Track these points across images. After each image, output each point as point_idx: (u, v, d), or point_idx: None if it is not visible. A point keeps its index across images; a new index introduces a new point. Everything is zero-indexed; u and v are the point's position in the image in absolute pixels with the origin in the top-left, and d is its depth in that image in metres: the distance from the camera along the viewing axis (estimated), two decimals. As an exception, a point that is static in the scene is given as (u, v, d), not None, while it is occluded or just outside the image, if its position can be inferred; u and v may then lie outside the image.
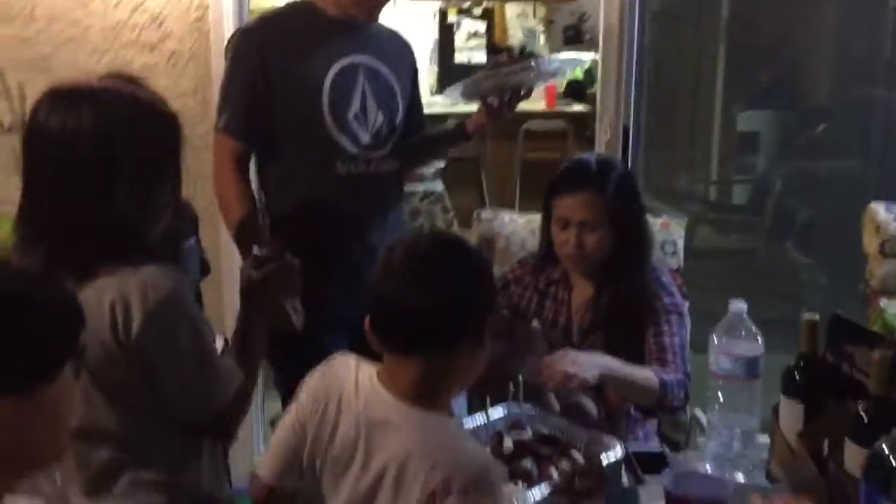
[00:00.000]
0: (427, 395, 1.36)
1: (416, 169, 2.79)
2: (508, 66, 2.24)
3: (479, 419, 1.79)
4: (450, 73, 7.42)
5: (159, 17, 2.79)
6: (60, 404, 1.04)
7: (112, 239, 1.42)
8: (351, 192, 2.20)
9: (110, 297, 1.39)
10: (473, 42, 7.50)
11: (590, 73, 8.23)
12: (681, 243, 2.48)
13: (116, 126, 1.42)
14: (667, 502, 1.48)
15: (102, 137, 1.40)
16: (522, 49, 7.11)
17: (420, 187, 4.07)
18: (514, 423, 1.82)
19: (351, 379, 1.42)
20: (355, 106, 2.20)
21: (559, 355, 1.82)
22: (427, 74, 7.41)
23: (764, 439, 1.75)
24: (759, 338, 1.69)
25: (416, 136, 2.41)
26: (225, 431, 1.56)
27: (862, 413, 1.45)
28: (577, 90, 6.90)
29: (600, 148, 3.00)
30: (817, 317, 1.64)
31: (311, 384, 1.46)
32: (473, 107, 2.33)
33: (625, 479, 1.74)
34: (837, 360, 1.66)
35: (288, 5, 2.31)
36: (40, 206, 1.44)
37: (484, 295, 1.40)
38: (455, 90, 2.30)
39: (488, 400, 1.79)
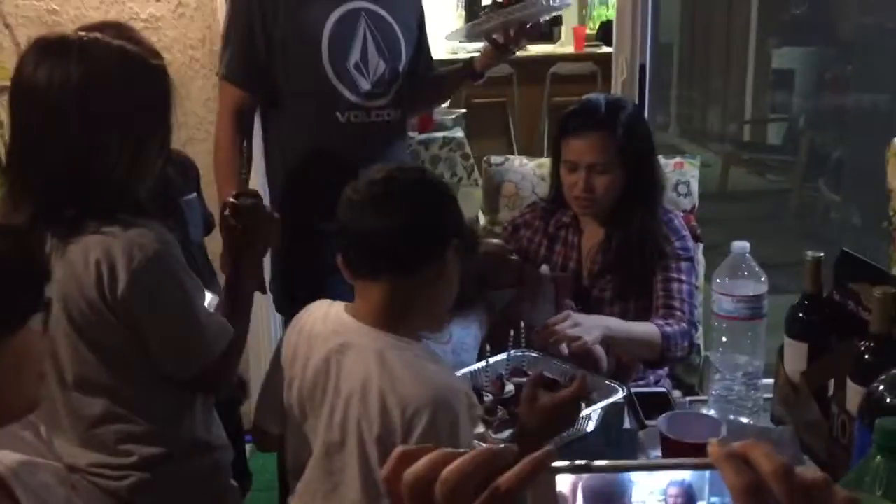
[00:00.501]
0: (391, 319, 1.39)
1: (423, 111, 2.76)
2: (510, 5, 2.19)
3: (479, 363, 1.79)
4: (478, 16, 7.33)
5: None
6: (25, 356, 1.04)
7: (99, 195, 1.40)
8: (351, 140, 2.17)
9: (96, 256, 1.38)
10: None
11: (622, 14, 8.12)
12: (695, 184, 2.42)
13: (104, 79, 1.40)
14: (661, 443, 1.47)
15: (90, 90, 1.38)
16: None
17: (439, 134, 4.02)
18: (515, 370, 1.82)
19: (321, 316, 1.46)
20: (356, 54, 2.16)
21: (560, 318, 1.78)
22: (455, 19, 7.32)
23: (769, 381, 1.72)
24: (762, 278, 1.65)
25: (424, 78, 2.37)
26: (214, 386, 1.56)
27: (863, 352, 1.41)
28: (608, 32, 6.76)
29: (616, 88, 2.93)
30: (822, 255, 1.60)
31: (288, 330, 1.47)
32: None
33: (627, 422, 1.73)
34: (844, 298, 1.61)
35: None
36: (27, 160, 1.42)
37: (443, 220, 1.41)
38: (458, 33, 2.26)
39: (487, 348, 1.78)
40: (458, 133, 4.07)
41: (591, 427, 1.72)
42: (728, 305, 1.65)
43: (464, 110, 4.50)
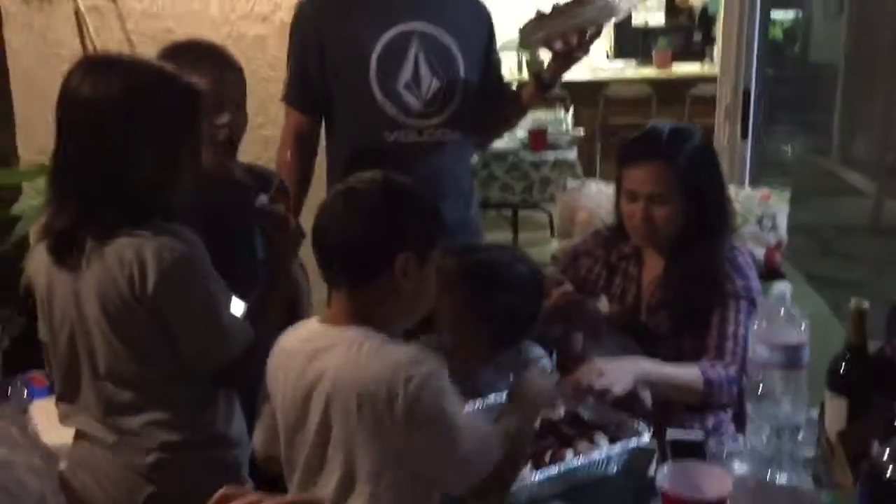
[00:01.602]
0: (358, 317, 1.41)
1: (499, 131, 2.70)
2: (563, 13, 2.12)
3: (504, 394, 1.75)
4: (626, 35, 7.18)
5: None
6: None
7: (134, 202, 1.52)
8: (400, 160, 2.14)
9: (129, 256, 1.50)
10: (652, 3, 7.18)
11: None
12: (782, 218, 2.28)
13: (140, 95, 1.51)
14: (662, 499, 1.38)
15: (127, 105, 1.50)
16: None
17: (551, 156, 3.97)
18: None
19: (297, 333, 1.49)
20: (406, 74, 2.17)
21: (586, 369, 1.70)
22: (603, 37, 7.22)
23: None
24: (802, 324, 1.53)
25: (495, 97, 2.35)
26: (234, 382, 1.65)
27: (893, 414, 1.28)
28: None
29: (720, 115, 2.80)
30: (867, 304, 1.46)
31: (272, 352, 1.52)
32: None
33: (653, 468, 1.65)
34: (894, 353, 1.48)
35: None
36: (69, 167, 1.55)
37: (390, 234, 1.41)
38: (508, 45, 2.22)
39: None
40: (571, 155, 4.00)
41: (613, 470, 1.65)
42: (764, 353, 1.53)
43: (581, 130, 4.42)
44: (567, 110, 4.87)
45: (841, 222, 5.80)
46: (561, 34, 2.12)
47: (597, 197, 2.40)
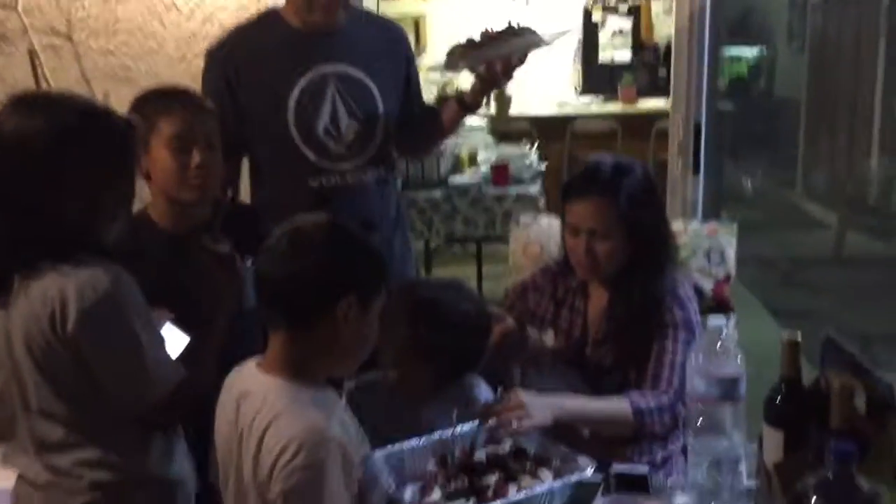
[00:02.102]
0: (289, 367, 1.41)
1: (420, 154, 2.75)
2: (494, 40, 2.17)
3: (448, 430, 1.75)
4: (593, 72, 7.27)
5: (228, 28, 2.90)
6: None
7: (57, 240, 1.49)
8: (324, 204, 2.12)
9: (51, 293, 1.47)
10: (618, 40, 7.29)
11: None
12: (730, 251, 2.30)
13: (65, 134, 1.49)
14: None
15: (51, 144, 1.47)
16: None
17: (513, 190, 3.99)
18: (491, 437, 1.77)
19: (238, 372, 1.50)
20: (325, 118, 2.18)
21: (507, 400, 1.71)
22: (571, 73, 7.30)
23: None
24: (738, 358, 1.55)
25: (417, 119, 2.37)
26: (160, 423, 1.62)
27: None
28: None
29: (673, 149, 2.83)
30: (798, 336, 1.48)
31: (223, 389, 1.51)
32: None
33: (597, 502, 1.64)
34: (828, 387, 1.49)
35: (256, 16, 2.31)
36: None
37: (334, 276, 1.40)
38: (440, 66, 2.26)
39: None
40: (533, 189, 4.02)
41: (555, 503, 1.65)
42: (701, 386, 1.55)
43: (544, 165, 4.45)
44: (532, 145, 4.91)
45: (804, 254, 5.87)
46: (486, 61, 2.16)
47: (548, 231, 2.41)
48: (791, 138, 7.53)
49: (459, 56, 2.18)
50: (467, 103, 2.31)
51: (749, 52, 7.96)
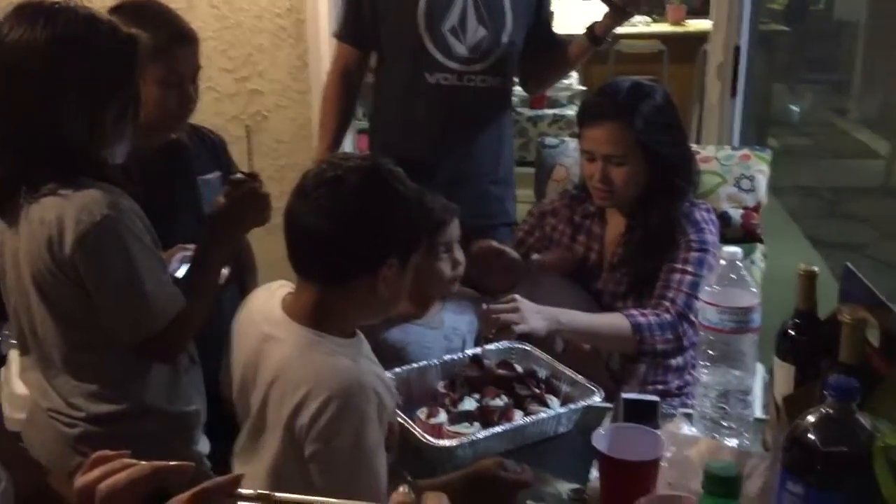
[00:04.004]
0: (316, 319, 1.33)
1: (548, 82, 2.72)
2: None
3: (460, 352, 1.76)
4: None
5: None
6: None
7: (59, 158, 1.45)
8: (439, 103, 2.22)
9: (49, 217, 1.43)
10: (670, -44, 7.00)
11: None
12: (762, 179, 2.22)
13: (67, 45, 1.43)
14: (597, 460, 1.37)
15: (51, 55, 1.42)
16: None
17: (550, 112, 3.91)
18: (503, 362, 1.76)
19: (261, 300, 1.43)
20: (453, 18, 2.20)
21: (502, 303, 1.71)
22: None
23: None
24: (753, 288, 1.50)
25: (544, 49, 2.36)
26: (163, 354, 1.57)
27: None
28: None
29: (710, 72, 2.73)
30: (815, 268, 1.43)
31: (244, 302, 1.48)
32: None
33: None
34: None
35: None
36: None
37: (379, 238, 1.32)
38: None
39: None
40: (570, 111, 3.93)
41: (561, 429, 1.64)
42: (713, 316, 1.51)
43: (583, 87, 4.34)
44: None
45: (852, 183, 5.70)
46: None
47: (575, 154, 2.36)
48: (847, 63, 7.25)
49: None
50: (596, 35, 2.28)
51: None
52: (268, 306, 1.40)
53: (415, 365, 1.75)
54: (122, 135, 1.51)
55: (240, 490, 0.65)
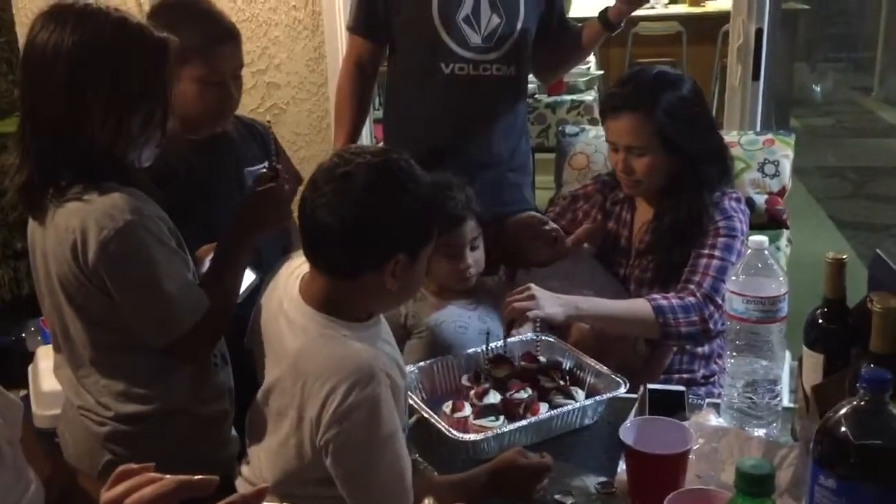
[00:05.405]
0: (328, 305, 1.35)
1: (562, 69, 2.71)
2: None
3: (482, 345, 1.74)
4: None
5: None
6: None
7: (85, 162, 1.44)
8: (456, 93, 2.21)
9: (73, 223, 1.43)
10: (687, -64, 6.92)
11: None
12: (786, 164, 2.19)
13: (94, 49, 1.43)
14: (625, 454, 1.36)
15: (78, 59, 1.42)
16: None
17: (568, 97, 3.88)
18: (526, 354, 1.76)
19: (284, 276, 1.45)
20: (467, 7, 2.19)
21: (518, 290, 1.70)
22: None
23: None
24: (780, 277, 1.48)
25: (557, 35, 2.34)
26: (189, 356, 1.56)
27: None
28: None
29: (731, 55, 2.70)
30: (844, 256, 1.41)
31: (282, 263, 1.49)
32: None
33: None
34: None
35: None
36: (25, 119, 1.49)
37: (387, 234, 1.32)
38: None
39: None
40: (589, 97, 3.90)
41: (587, 421, 1.63)
42: (738, 306, 1.49)
43: (601, 72, 4.30)
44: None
45: (877, 164, 5.63)
46: None
47: (595, 142, 2.34)
48: (870, 40, 7.15)
49: None
50: (611, 21, 2.26)
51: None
52: (289, 282, 1.42)
53: (437, 360, 1.75)
54: (149, 139, 1.49)
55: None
